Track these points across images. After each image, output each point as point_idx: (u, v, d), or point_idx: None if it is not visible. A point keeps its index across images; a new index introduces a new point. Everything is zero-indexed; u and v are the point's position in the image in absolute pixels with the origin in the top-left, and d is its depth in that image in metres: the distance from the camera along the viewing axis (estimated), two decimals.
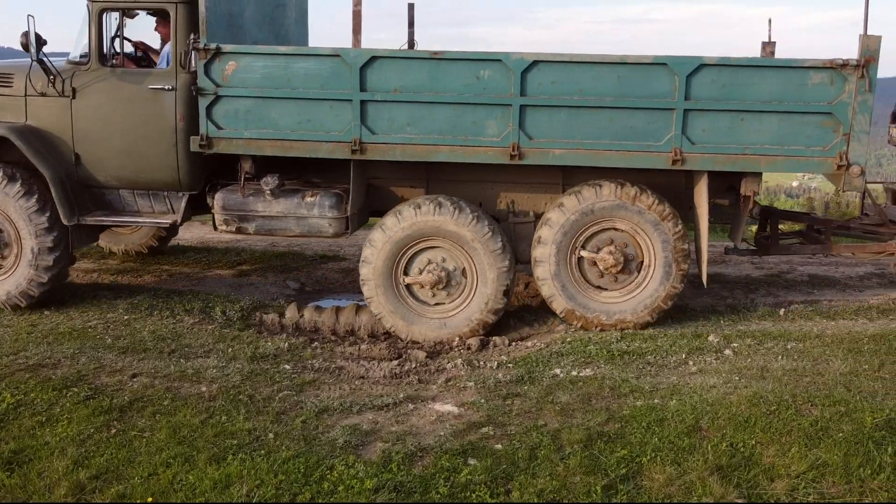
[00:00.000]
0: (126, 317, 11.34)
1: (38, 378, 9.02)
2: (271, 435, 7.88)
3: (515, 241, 11.51)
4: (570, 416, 8.32)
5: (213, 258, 15.26)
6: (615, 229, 10.96)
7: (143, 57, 12.25)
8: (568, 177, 11.39)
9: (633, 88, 10.37)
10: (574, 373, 9.60)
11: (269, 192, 11.17)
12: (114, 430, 7.90)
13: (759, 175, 10.85)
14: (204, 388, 8.98)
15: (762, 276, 14.46)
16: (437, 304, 11.36)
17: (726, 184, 11.53)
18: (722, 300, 12.94)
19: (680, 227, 10.78)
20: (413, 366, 10.19)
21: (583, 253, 11.05)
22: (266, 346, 10.47)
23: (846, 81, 9.99)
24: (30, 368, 9.31)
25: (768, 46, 12.90)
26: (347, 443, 7.74)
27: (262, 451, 7.51)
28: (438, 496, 6.83)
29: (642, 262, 11.06)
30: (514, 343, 11.17)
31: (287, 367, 9.83)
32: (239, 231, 11.65)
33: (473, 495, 6.83)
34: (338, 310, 12.21)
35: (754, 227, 13.27)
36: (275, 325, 11.79)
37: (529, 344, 11.09)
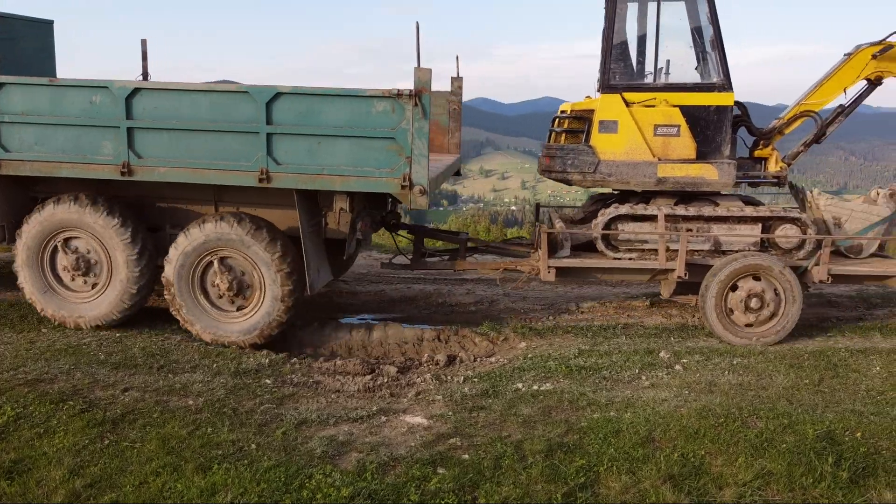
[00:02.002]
0: (118, 334, 11.31)
1: (36, 392, 8.98)
2: (254, 445, 7.87)
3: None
4: (532, 428, 8.35)
5: None
6: (230, 257, 11.29)
7: None
8: (220, 193, 11.72)
9: (223, 114, 10.71)
10: (535, 387, 9.64)
11: None
12: (107, 441, 7.87)
13: (346, 193, 11.26)
14: (191, 402, 8.97)
15: None
16: (85, 290, 11.79)
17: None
18: (671, 318, 13.00)
19: (279, 249, 11.08)
20: (385, 380, 10.19)
21: (208, 281, 11.44)
22: (248, 362, 10.46)
23: (405, 110, 10.29)
24: (28, 383, 9.27)
25: (456, 81, 13.84)
26: (325, 453, 7.74)
27: (246, 461, 7.51)
28: (410, 503, 6.85)
29: (254, 285, 11.37)
30: (478, 359, 11.20)
31: (268, 381, 9.82)
32: None
33: (442, 502, 6.86)
34: (315, 326, 12.28)
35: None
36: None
37: (493, 360, 11.12)
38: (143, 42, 13.66)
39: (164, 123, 10.78)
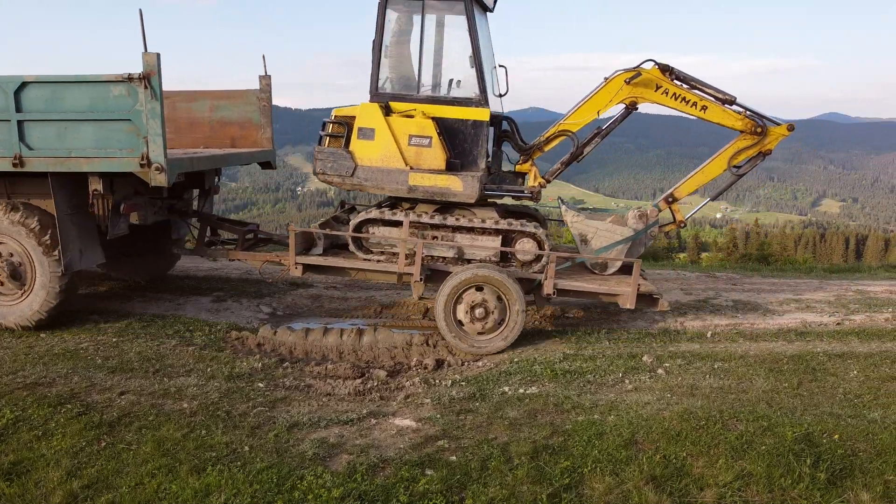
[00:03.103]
0: (115, 339, 11.34)
1: (35, 395, 8.99)
2: (247, 448, 7.87)
3: None
4: (518, 430, 8.35)
5: (193, 285, 15.24)
6: (2, 243, 11.76)
7: None
8: (11, 186, 12.09)
9: None
10: (521, 390, 9.66)
11: None
12: (104, 444, 7.87)
13: (99, 175, 11.52)
14: (185, 405, 8.97)
15: (691, 301, 14.56)
16: None
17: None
18: (654, 323, 13.04)
19: (47, 235, 11.55)
20: (375, 384, 10.21)
21: None
22: (241, 366, 10.48)
23: (138, 93, 10.71)
24: (27, 387, 9.28)
25: (264, 79, 14.61)
26: (316, 455, 7.74)
27: (239, 463, 7.51)
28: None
29: (27, 269, 11.81)
30: (466, 363, 11.22)
31: (261, 385, 9.83)
32: None
33: (430, 503, 6.86)
34: (307, 331, 12.30)
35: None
36: (249, 347, 11.79)
37: (480, 364, 11.13)
38: None
39: None
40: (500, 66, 13.25)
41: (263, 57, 14.89)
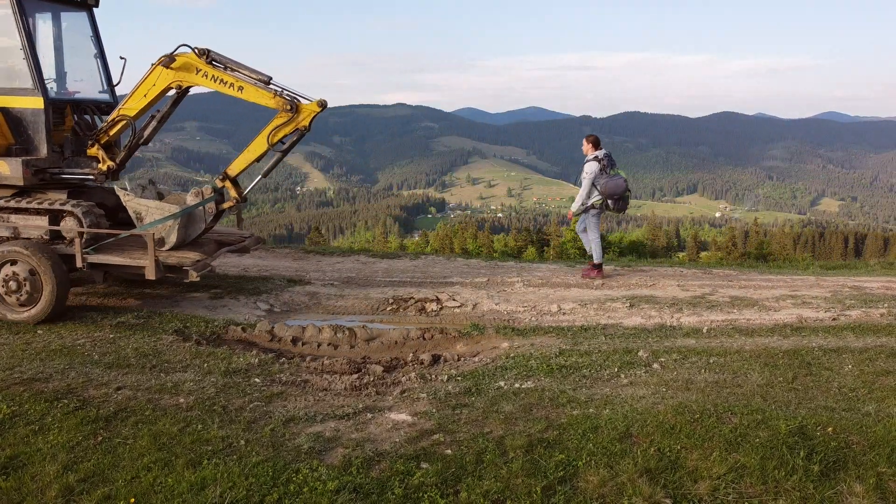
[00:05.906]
0: (112, 335, 11.35)
1: (31, 391, 9.00)
2: (243, 442, 7.88)
3: None
4: (513, 424, 8.36)
5: (190, 282, 15.26)
6: None
7: None
8: None
9: None
10: (517, 385, 9.67)
11: None
12: (100, 438, 7.87)
13: None
14: (182, 400, 8.97)
15: (687, 297, 14.59)
16: None
17: None
18: (650, 319, 13.05)
19: None
20: (371, 379, 10.21)
21: None
22: (238, 362, 10.48)
23: None
24: (24, 382, 9.29)
25: None
26: (311, 449, 7.75)
27: (235, 457, 7.51)
28: (394, 497, 6.86)
29: None
30: (462, 358, 11.23)
31: (257, 380, 9.84)
32: None
33: (425, 496, 6.87)
34: (304, 327, 12.33)
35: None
36: (246, 342, 11.82)
37: (476, 359, 11.16)
38: None
39: None
40: (121, 58, 14.32)
41: None
